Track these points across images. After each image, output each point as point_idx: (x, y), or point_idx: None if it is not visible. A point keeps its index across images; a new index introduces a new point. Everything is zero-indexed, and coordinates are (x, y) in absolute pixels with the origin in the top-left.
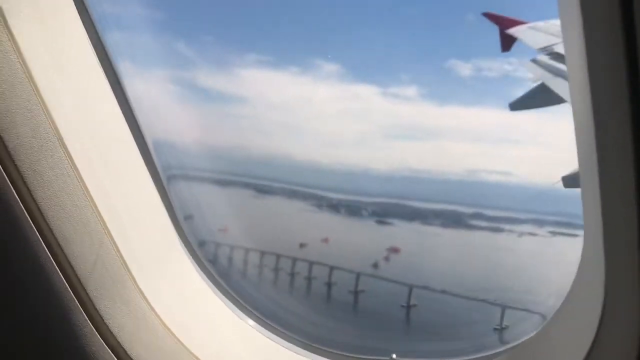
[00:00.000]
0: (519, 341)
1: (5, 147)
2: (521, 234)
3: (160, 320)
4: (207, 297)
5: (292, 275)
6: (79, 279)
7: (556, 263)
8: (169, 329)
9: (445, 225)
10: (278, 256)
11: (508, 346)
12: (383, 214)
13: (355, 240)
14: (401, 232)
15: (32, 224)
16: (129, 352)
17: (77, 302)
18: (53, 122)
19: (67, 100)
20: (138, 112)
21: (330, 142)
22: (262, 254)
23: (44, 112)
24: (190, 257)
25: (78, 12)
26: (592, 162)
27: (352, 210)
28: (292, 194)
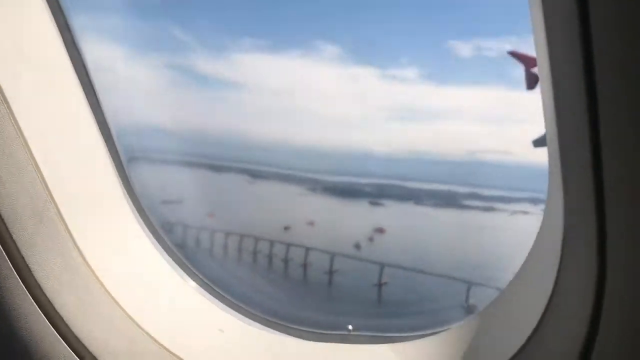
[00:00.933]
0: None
1: None
2: (513, 213)
3: (94, 273)
4: (148, 252)
5: (270, 257)
6: (5, 224)
7: None
8: (101, 283)
9: (437, 205)
10: (257, 239)
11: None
12: (377, 195)
13: (343, 222)
14: (391, 213)
15: None
16: (54, 304)
17: (3, 252)
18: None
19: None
20: (104, 97)
21: (330, 125)
22: (242, 237)
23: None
24: (135, 213)
25: None
26: (553, 136)
27: (346, 192)
28: (288, 178)
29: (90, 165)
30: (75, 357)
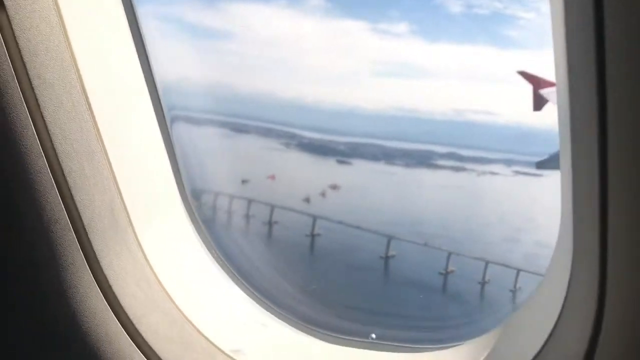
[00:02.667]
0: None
1: (29, 80)
2: (480, 173)
3: (157, 277)
4: (200, 258)
5: (213, 209)
6: (83, 225)
7: (496, 201)
8: (164, 288)
9: (408, 165)
10: (200, 191)
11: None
12: (350, 153)
13: (303, 178)
14: (355, 171)
15: (47, 167)
16: (122, 303)
17: (77, 244)
18: (75, 62)
19: (91, 46)
20: (153, 64)
21: (318, 79)
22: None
23: (69, 55)
24: (187, 215)
25: None
26: (567, 158)
27: (320, 149)
28: (267, 133)
29: (153, 168)
30: (132, 342)
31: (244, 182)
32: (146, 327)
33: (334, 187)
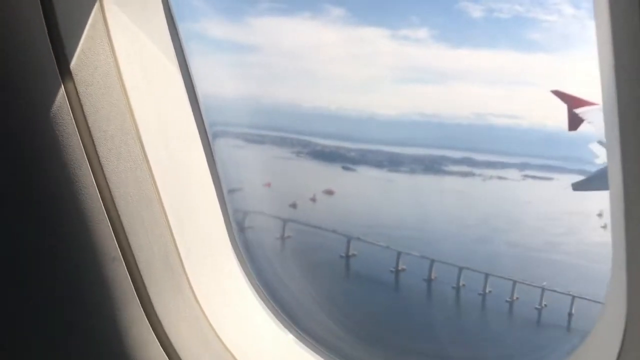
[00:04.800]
0: None
1: (92, 139)
2: (487, 178)
3: (208, 320)
4: (252, 306)
5: None
6: (139, 270)
7: (487, 205)
8: (215, 331)
9: (412, 171)
10: None
11: None
12: (357, 160)
13: (301, 184)
14: (356, 178)
15: (105, 213)
16: (174, 346)
17: (133, 288)
18: (132, 113)
19: (143, 88)
20: (202, 105)
21: (340, 87)
22: None
23: (127, 107)
24: (237, 260)
25: None
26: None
27: (329, 156)
28: (281, 142)
29: (205, 216)
30: None
31: (230, 191)
32: None
33: (329, 192)
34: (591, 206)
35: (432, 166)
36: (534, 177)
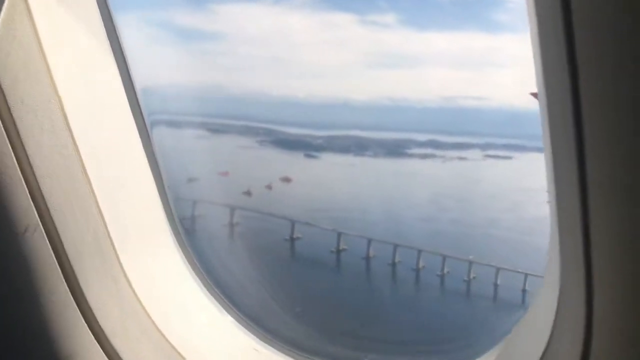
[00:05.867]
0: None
1: (9, 109)
2: (447, 159)
3: (143, 306)
4: (191, 290)
5: None
6: (66, 253)
7: (439, 185)
8: (150, 317)
9: (376, 155)
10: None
11: None
12: (322, 147)
13: (258, 173)
14: (317, 164)
15: (27, 189)
16: (106, 332)
17: (60, 273)
18: (55, 85)
19: (69, 62)
20: (139, 92)
21: (309, 74)
22: None
23: (51, 84)
24: (177, 246)
25: None
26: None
27: (293, 144)
28: (245, 131)
29: (137, 191)
30: None
31: (190, 180)
32: (132, 358)
33: (286, 179)
34: (542, 182)
35: (395, 150)
36: (494, 157)
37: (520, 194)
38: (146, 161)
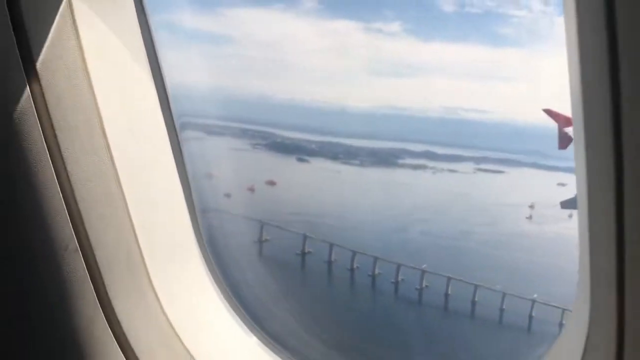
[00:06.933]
0: None
1: (52, 128)
2: (437, 171)
3: (170, 322)
4: (216, 306)
5: None
6: (98, 267)
7: (420, 197)
8: (177, 333)
9: (363, 163)
10: None
11: None
12: (315, 152)
13: (245, 176)
14: (306, 169)
15: (65, 208)
16: (133, 347)
17: (92, 287)
18: (97, 103)
19: (110, 79)
20: (172, 100)
21: (313, 79)
22: None
23: (93, 101)
24: (204, 261)
25: None
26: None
27: (287, 148)
28: (241, 134)
29: (170, 214)
30: None
31: None
32: None
33: (271, 182)
34: (526, 199)
35: (387, 159)
36: (486, 171)
37: (501, 209)
38: (177, 177)
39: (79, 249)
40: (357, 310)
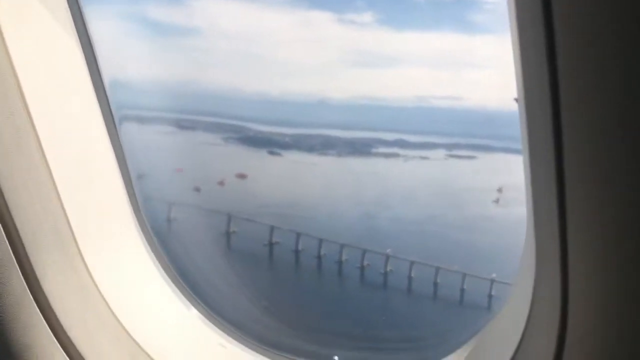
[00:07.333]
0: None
1: None
2: (409, 159)
3: (104, 299)
4: (155, 281)
5: None
6: (21, 239)
7: (390, 184)
8: (111, 310)
9: (339, 154)
10: None
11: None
12: (288, 145)
13: (215, 170)
14: (278, 162)
15: None
16: (65, 328)
17: (15, 261)
18: (15, 72)
19: (32, 50)
20: (109, 91)
21: (286, 71)
22: None
23: (9, 64)
24: (142, 234)
25: None
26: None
27: (259, 141)
28: (214, 128)
29: (102, 182)
30: None
31: (140, 176)
32: (91, 352)
33: (241, 176)
34: (495, 182)
35: (361, 149)
36: (457, 157)
37: (470, 194)
38: (113, 154)
39: (0, 227)
40: (315, 292)
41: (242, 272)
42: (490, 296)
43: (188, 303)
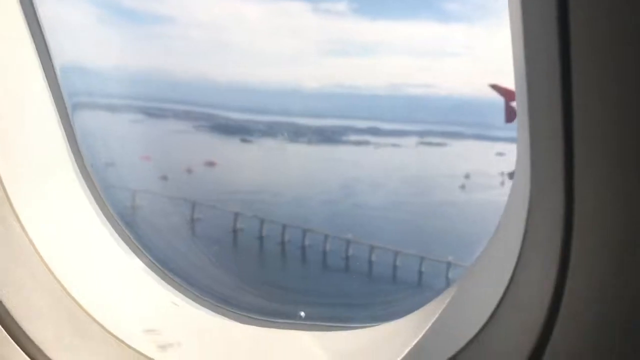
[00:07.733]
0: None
1: None
2: (380, 146)
3: (35, 249)
4: (94, 230)
5: None
6: None
7: (358, 171)
8: (44, 261)
9: (310, 141)
10: None
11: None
12: (260, 132)
13: (184, 158)
14: (249, 149)
15: None
16: None
17: None
18: None
19: None
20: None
21: (260, 60)
22: None
23: None
24: (83, 179)
25: None
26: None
27: (231, 129)
28: (184, 116)
29: (37, 118)
30: (9, 331)
31: (108, 164)
32: (27, 313)
33: (210, 163)
34: (464, 169)
35: (332, 137)
36: (429, 144)
37: (437, 180)
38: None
39: None
40: (269, 267)
41: (204, 256)
42: (447, 278)
43: (131, 253)
